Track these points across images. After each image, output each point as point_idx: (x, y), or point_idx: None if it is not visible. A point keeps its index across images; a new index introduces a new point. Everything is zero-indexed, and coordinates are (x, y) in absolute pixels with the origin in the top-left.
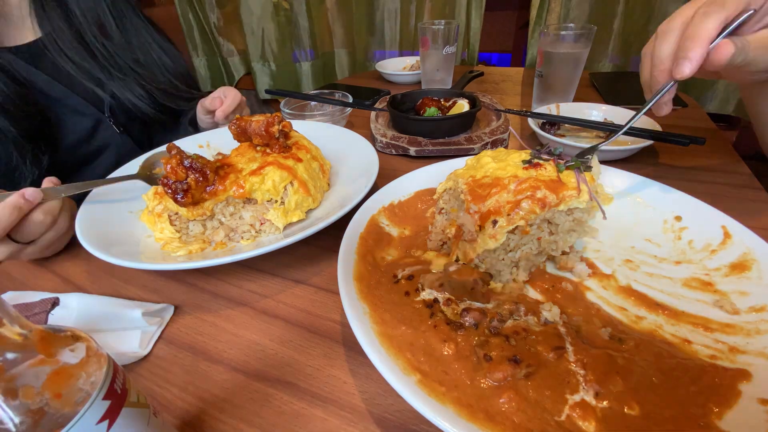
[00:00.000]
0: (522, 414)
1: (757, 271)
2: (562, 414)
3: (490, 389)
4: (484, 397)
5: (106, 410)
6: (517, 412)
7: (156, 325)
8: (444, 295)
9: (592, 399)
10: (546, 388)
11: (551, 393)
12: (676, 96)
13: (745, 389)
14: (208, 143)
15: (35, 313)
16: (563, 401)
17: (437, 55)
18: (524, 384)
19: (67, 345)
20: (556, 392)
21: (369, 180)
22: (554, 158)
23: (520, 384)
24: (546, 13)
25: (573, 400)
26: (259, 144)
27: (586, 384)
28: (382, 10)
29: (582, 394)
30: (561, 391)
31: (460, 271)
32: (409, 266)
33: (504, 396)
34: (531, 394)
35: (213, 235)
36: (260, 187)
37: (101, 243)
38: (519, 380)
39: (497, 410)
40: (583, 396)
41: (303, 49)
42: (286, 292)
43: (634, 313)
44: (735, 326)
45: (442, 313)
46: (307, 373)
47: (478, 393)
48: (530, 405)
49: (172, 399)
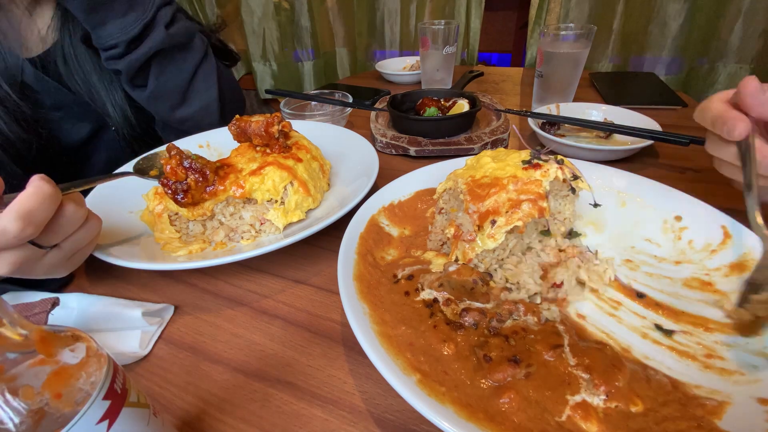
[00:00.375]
0: (522, 414)
1: None
2: (563, 415)
3: (490, 389)
4: (484, 397)
5: (106, 410)
6: (518, 412)
7: (156, 325)
8: (443, 295)
9: (600, 402)
10: (546, 389)
11: (551, 393)
12: (676, 96)
13: (745, 389)
14: (208, 143)
15: (35, 313)
16: (564, 402)
17: (437, 56)
18: (524, 384)
19: (67, 345)
20: (557, 392)
21: (369, 180)
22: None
23: (520, 384)
24: (545, 13)
25: (574, 400)
26: (259, 144)
27: (594, 388)
28: (383, 10)
29: (583, 394)
30: (562, 391)
31: (459, 271)
32: (409, 266)
33: (504, 396)
34: (531, 394)
35: (213, 236)
36: (260, 187)
37: (101, 243)
38: (519, 380)
39: (497, 410)
40: (584, 396)
41: (304, 48)
42: (286, 292)
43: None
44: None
45: (441, 313)
46: (307, 373)
47: (478, 393)
48: (531, 405)
49: (172, 399)
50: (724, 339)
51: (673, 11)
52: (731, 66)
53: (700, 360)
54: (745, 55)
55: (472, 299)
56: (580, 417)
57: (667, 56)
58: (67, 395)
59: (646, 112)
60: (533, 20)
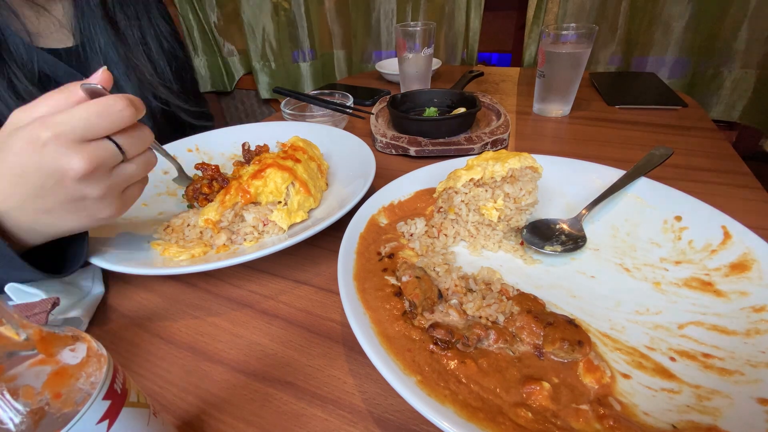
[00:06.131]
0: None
1: (757, 271)
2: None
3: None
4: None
5: (106, 410)
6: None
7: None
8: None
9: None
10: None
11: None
12: (676, 96)
13: (745, 389)
14: (197, 147)
15: (35, 313)
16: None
17: (414, 58)
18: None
19: (67, 345)
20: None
21: (366, 181)
22: None
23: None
24: (543, 13)
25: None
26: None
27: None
28: (379, 10)
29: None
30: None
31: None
32: (389, 242)
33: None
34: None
35: (215, 239)
36: (263, 190)
37: (99, 251)
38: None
39: (498, 410)
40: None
41: (302, 49)
42: (287, 292)
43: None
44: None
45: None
46: (308, 373)
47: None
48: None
49: (172, 399)
50: (723, 339)
51: (677, 13)
52: (736, 72)
53: (700, 360)
54: (750, 60)
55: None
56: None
57: (671, 57)
58: (67, 395)
59: (646, 112)
60: (531, 20)
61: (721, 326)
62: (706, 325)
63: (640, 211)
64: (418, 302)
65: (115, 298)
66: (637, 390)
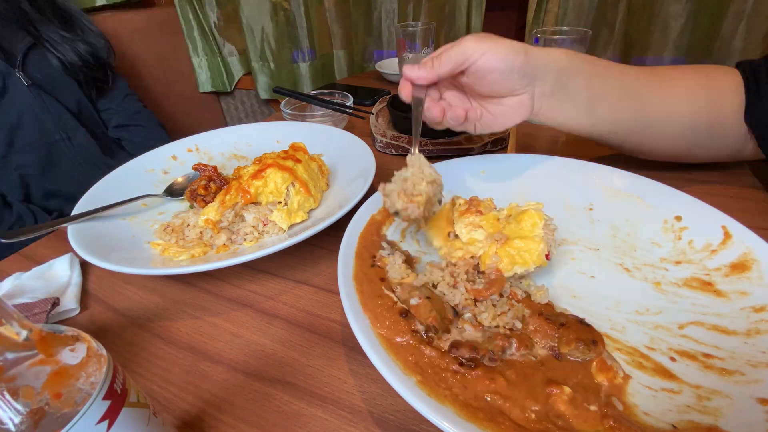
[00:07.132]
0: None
1: (758, 271)
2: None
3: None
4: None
5: (106, 410)
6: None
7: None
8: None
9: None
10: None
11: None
12: None
13: (745, 389)
14: (197, 147)
15: (35, 313)
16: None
17: (415, 58)
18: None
19: (67, 345)
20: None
21: (366, 181)
22: None
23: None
24: (543, 13)
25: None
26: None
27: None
28: (380, 10)
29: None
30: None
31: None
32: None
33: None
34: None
35: (215, 240)
36: (264, 190)
37: (99, 251)
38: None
39: (498, 410)
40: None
41: (302, 49)
42: (287, 292)
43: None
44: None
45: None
46: (308, 373)
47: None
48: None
49: (172, 399)
50: (723, 339)
51: (675, 12)
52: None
53: (700, 360)
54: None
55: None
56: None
57: (669, 56)
58: (67, 395)
59: None
60: (530, 22)
61: (722, 326)
62: (707, 325)
63: (640, 211)
64: (438, 325)
65: (114, 298)
66: (638, 390)
